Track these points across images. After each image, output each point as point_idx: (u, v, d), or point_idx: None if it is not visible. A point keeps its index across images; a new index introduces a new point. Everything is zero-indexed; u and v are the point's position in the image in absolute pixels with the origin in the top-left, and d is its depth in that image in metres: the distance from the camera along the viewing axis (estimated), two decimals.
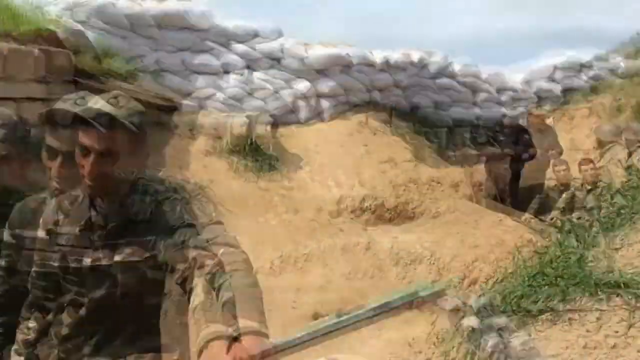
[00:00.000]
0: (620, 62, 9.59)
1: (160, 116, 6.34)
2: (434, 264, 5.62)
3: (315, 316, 4.79)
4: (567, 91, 9.15)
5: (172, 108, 6.50)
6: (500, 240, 5.87)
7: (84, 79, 5.17)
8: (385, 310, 1.65)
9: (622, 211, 3.00)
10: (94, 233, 1.70)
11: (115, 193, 1.69)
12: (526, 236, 6.02)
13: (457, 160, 8.05)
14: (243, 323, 1.42)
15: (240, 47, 6.78)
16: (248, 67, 6.81)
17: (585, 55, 9.23)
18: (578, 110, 8.96)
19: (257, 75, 6.84)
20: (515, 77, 9.05)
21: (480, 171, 8.21)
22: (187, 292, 1.57)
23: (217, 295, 1.55)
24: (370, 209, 6.27)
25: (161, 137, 6.14)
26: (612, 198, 5.96)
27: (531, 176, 7.55)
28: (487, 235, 5.96)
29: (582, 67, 9.24)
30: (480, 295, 2.37)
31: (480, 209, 6.63)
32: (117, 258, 1.68)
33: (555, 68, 9.11)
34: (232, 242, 1.69)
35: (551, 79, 9.07)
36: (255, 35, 6.94)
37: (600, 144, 6.26)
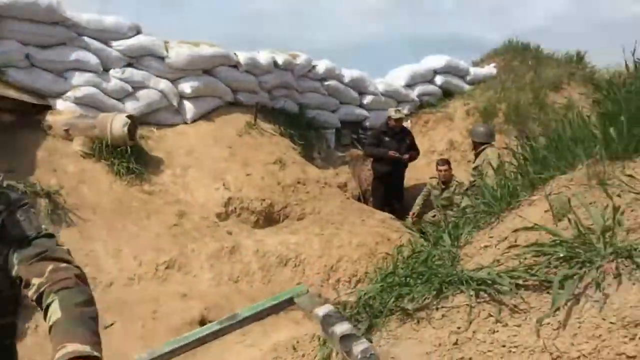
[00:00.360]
0: (469, 69, 10.36)
1: (31, 115, 5.87)
2: (299, 265, 5.67)
3: (177, 326, 4.63)
4: (423, 96, 9.69)
5: (45, 107, 6.02)
6: (363, 239, 6.05)
7: None
8: (257, 317, 1.61)
9: (467, 210, 3.19)
10: None
11: None
12: (387, 235, 6.27)
13: (322, 162, 8.20)
14: (72, 347, 1.32)
15: (94, 43, 6.34)
16: (102, 64, 6.38)
17: (438, 63, 9.83)
18: (432, 115, 9.53)
19: (113, 74, 6.44)
20: (377, 81, 9.40)
21: (344, 172, 8.44)
22: (44, 309, 1.43)
23: (45, 317, 1.43)
24: (235, 213, 6.18)
25: (33, 138, 5.67)
26: (462, 197, 6.41)
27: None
28: (351, 235, 6.12)
29: (436, 73, 9.84)
30: (335, 300, 2.39)
31: (345, 210, 6.79)
32: None
33: (412, 74, 9.61)
34: (63, 256, 1.56)
35: (408, 84, 9.55)
36: (112, 31, 6.52)
37: (475, 146, 6.68)
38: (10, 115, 5.72)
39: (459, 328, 2.07)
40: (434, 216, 6.71)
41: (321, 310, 1.47)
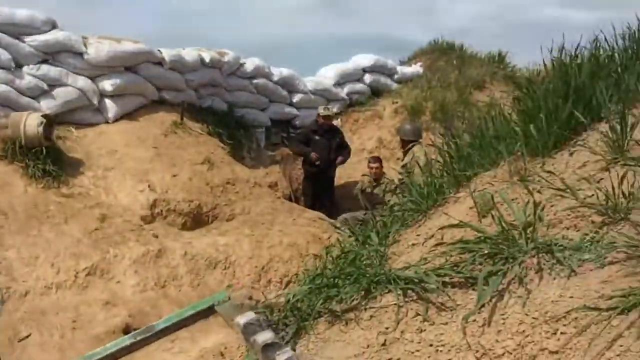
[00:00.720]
0: (397, 68, 10.51)
1: None
2: (229, 267, 5.55)
3: (100, 335, 4.41)
4: (352, 94, 9.74)
5: None
6: (294, 239, 6.00)
7: None
8: (177, 327, 1.51)
9: (395, 208, 3.19)
10: None
11: None
12: (318, 235, 6.24)
13: (252, 162, 8.08)
14: None
15: (5, 38, 5.94)
16: (15, 60, 5.99)
17: (366, 61, 9.90)
18: (361, 113, 9.60)
19: (27, 71, 6.07)
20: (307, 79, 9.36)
21: (274, 171, 8.36)
22: None
23: None
24: (161, 215, 5.97)
25: None
26: (392, 195, 6.48)
27: None
28: (282, 235, 6.05)
29: (364, 72, 9.91)
30: (263, 303, 2.31)
31: (275, 209, 6.71)
32: None
33: (342, 73, 9.63)
34: None
35: (338, 83, 9.56)
36: (25, 25, 6.14)
37: (403, 144, 6.73)
38: None
39: (387, 328, 2.04)
40: (365, 214, 6.73)
41: (242, 319, 1.39)
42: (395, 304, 2.10)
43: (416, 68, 10.92)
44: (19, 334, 4.28)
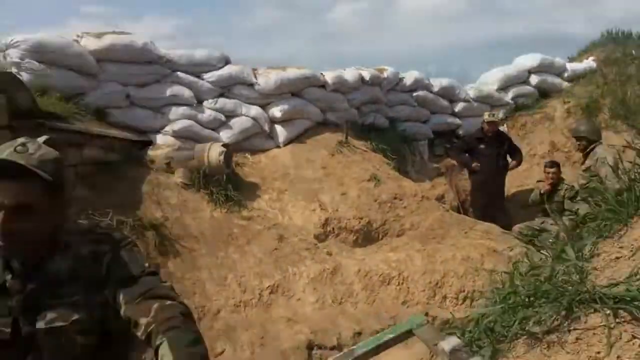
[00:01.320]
0: (566, 66, 9.79)
1: (134, 152, 6.14)
2: (402, 283, 5.49)
3: (286, 351, 4.61)
4: (518, 98, 9.25)
5: (146, 143, 6.30)
6: (468, 253, 5.78)
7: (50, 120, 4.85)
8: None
9: (588, 218, 2.91)
10: (11, 298, 1.51)
11: (33, 252, 1.51)
12: (493, 247, 5.95)
13: (417, 175, 8.01)
14: None
15: (187, 78, 6.58)
16: (196, 96, 6.60)
17: (531, 62, 9.35)
18: (529, 117, 9.06)
19: (207, 105, 6.65)
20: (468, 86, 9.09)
21: (440, 184, 8.20)
22: (154, 349, 1.43)
23: (156, 357, 1.41)
24: (333, 233, 6.12)
25: (137, 173, 5.91)
26: (571, 202, 5.97)
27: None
28: (454, 249, 5.87)
29: (530, 73, 9.37)
30: (452, 334, 2.22)
31: (445, 223, 6.55)
32: (39, 325, 1.49)
33: (505, 77, 9.20)
34: (168, 293, 1.54)
35: (501, 88, 9.16)
36: (202, 64, 6.74)
37: (583, 145, 6.05)
38: (116, 153, 6.01)
39: (598, 353, 1.85)
40: (542, 222, 6.30)
41: (447, 345, 1.33)
42: (604, 326, 1.90)
43: (588, 63, 10.08)
44: (215, 350, 4.61)
